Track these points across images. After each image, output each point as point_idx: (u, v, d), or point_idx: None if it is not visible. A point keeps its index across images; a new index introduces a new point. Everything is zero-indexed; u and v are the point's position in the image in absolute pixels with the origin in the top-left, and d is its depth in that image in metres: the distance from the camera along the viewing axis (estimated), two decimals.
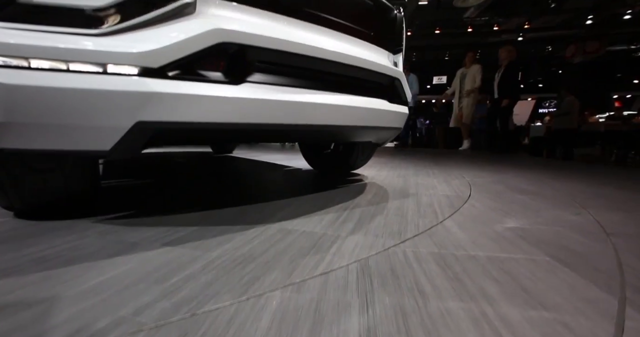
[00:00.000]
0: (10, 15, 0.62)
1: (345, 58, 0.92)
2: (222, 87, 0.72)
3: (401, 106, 1.24)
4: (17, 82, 0.61)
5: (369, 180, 1.76)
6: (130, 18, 0.65)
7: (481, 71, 4.43)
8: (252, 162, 2.73)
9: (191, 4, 0.68)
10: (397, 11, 1.21)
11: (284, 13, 0.82)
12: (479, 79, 4.41)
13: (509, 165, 2.77)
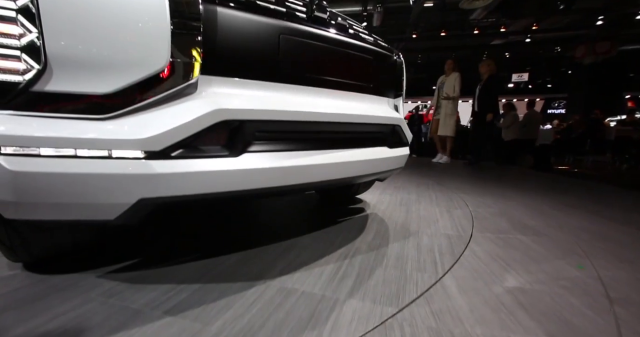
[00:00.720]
0: (22, 103, 0.64)
1: (346, 117, 0.93)
2: (222, 161, 0.73)
3: (402, 148, 1.25)
4: (25, 169, 0.63)
5: (370, 210, 1.76)
6: (134, 102, 0.66)
7: (460, 80, 4.22)
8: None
9: (192, 84, 0.70)
10: (396, 56, 1.21)
11: (284, 81, 0.83)
12: (457, 88, 4.15)
13: (513, 188, 2.71)
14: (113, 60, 0.65)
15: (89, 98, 0.66)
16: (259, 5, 0.78)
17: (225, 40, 0.74)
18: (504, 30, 11.44)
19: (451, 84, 4.23)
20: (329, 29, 0.92)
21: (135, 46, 0.66)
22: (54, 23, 0.62)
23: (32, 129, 0.63)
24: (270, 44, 0.80)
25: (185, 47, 0.68)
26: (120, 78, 0.66)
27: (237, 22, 0.75)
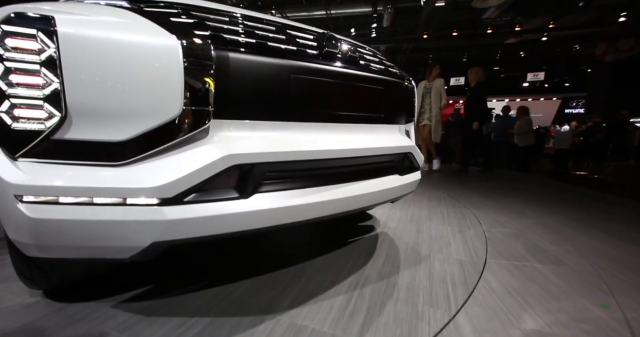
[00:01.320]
0: (43, 151, 0.66)
1: (356, 152, 0.92)
2: (233, 203, 0.74)
3: (413, 174, 1.22)
4: (45, 216, 0.65)
5: (380, 228, 1.74)
6: (148, 149, 0.68)
7: (443, 85, 4.05)
8: None
9: (204, 129, 0.70)
10: (407, 82, 1.19)
11: (294, 120, 0.83)
12: (444, 96, 4.02)
13: (529, 202, 2.61)
14: (128, 108, 0.67)
15: (105, 145, 0.67)
16: (270, 47, 0.78)
17: (237, 84, 0.74)
18: (518, 29, 11.10)
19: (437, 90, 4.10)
20: (339, 63, 0.91)
21: (149, 95, 0.67)
22: (74, 74, 0.64)
23: (51, 178, 0.64)
24: (281, 85, 0.80)
25: (197, 95, 0.68)
26: (135, 126, 0.67)
27: (249, 66, 0.75)
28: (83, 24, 0.65)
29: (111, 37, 0.65)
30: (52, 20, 0.64)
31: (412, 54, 14.78)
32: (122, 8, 0.73)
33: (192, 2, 0.83)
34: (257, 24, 0.84)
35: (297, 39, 0.87)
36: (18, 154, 0.66)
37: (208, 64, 0.68)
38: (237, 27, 0.79)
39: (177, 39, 0.67)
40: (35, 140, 0.66)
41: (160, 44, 0.66)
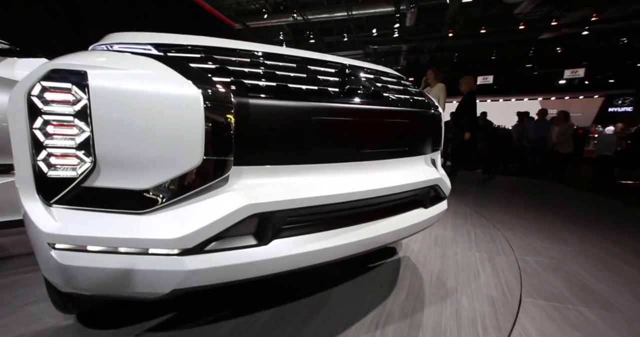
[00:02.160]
0: (73, 198, 0.69)
1: (379, 191, 0.87)
2: (252, 251, 0.72)
3: (439, 205, 1.15)
4: (73, 263, 0.67)
5: (403, 251, 1.67)
6: (170, 198, 0.68)
7: (445, 91, 3.77)
8: None
9: (224, 178, 0.70)
10: (434, 110, 1.12)
11: (315, 162, 0.80)
12: (442, 101, 3.73)
13: (568, 222, 2.38)
14: (151, 158, 0.67)
15: (130, 193, 0.69)
16: (291, 89, 0.76)
17: (258, 130, 0.73)
18: (555, 24, 10.31)
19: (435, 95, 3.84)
20: (362, 100, 0.87)
21: (171, 145, 0.67)
22: (102, 125, 0.66)
23: (80, 227, 0.66)
24: (302, 129, 0.77)
25: (218, 145, 0.68)
26: (158, 175, 0.68)
27: (270, 111, 0.73)
28: (111, 77, 0.67)
29: (136, 89, 0.67)
30: (85, 74, 0.66)
31: (436, 53, 14.26)
32: (147, 56, 0.74)
33: (214, 43, 0.83)
34: (277, 63, 0.82)
35: (318, 76, 0.85)
36: (52, 201, 0.69)
37: (229, 113, 0.68)
38: (258, 68, 0.78)
39: (198, 89, 0.67)
40: (67, 188, 0.68)
41: (182, 95, 0.66)
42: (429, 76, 3.88)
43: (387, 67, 1.25)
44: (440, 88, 3.75)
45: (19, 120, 0.67)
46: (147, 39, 0.83)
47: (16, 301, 1.16)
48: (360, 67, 1.01)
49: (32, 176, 0.68)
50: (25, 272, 1.38)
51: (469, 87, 3.96)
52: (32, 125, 0.67)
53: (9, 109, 0.68)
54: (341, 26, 11.97)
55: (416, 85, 1.27)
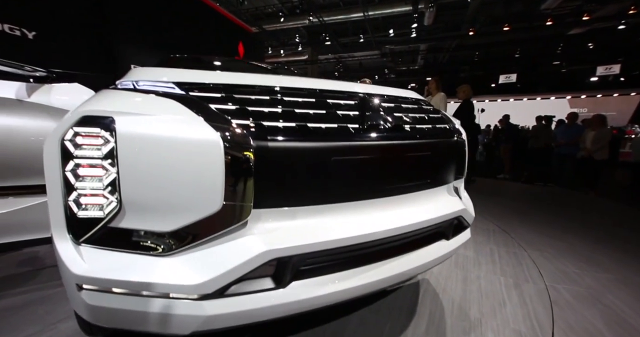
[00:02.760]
0: (100, 238, 0.71)
1: (400, 229, 0.84)
2: (270, 294, 0.72)
3: (461, 235, 1.10)
4: (99, 304, 0.70)
5: (422, 273, 1.61)
6: (190, 241, 0.69)
7: (445, 100, 3.79)
8: None
9: (244, 223, 0.70)
10: (457, 137, 1.06)
11: (334, 202, 0.79)
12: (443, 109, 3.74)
13: (606, 243, 2.22)
14: (173, 202, 0.68)
15: (152, 235, 0.70)
16: (310, 130, 0.75)
17: (277, 173, 0.72)
18: (587, 18, 9.67)
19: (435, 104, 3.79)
20: (382, 135, 0.84)
21: (192, 190, 0.67)
22: (128, 167, 0.68)
23: (106, 270, 0.68)
24: (321, 169, 0.76)
25: (237, 191, 0.67)
26: (180, 218, 0.69)
27: (289, 153, 0.72)
28: (136, 123, 0.69)
29: (159, 134, 0.68)
30: (113, 120, 0.68)
31: (455, 52, 13.81)
32: (170, 97, 0.75)
33: (233, 79, 0.83)
34: (295, 99, 0.81)
35: (337, 110, 0.83)
36: (81, 240, 0.72)
37: (248, 158, 0.67)
38: (276, 107, 0.77)
39: (218, 135, 0.67)
40: (95, 227, 0.71)
41: (203, 141, 0.67)
42: (431, 85, 3.95)
43: (406, 90, 1.21)
44: (441, 97, 3.80)
45: (53, 164, 0.70)
46: (169, 76, 0.84)
47: (48, 317, 1.22)
48: (379, 95, 0.98)
49: (63, 216, 0.71)
50: (58, 285, 1.46)
51: (466, 95, 4.06)
52: (65, 168, 0.70)
53: (45, 154, 0.72)
54: (357, 27, 11.87)
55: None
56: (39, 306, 1.29)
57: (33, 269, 1.62)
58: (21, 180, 1.29)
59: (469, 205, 1.16)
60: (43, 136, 1.29)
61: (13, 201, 1.28)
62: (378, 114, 0.87)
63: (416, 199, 0.94)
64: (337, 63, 15.56)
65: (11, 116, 1.25)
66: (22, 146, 1.26)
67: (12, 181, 1.27)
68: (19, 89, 1.29)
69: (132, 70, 0.99)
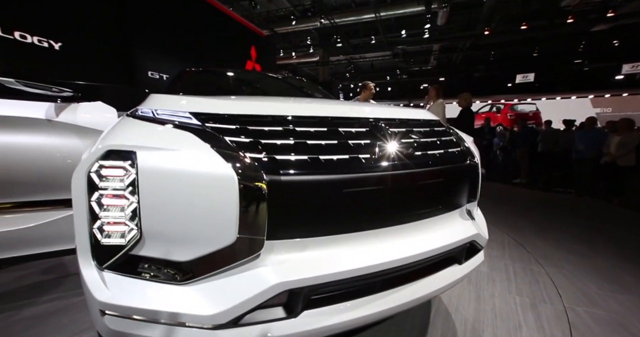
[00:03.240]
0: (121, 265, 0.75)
1: (412, 257, 0.83)
2: (282, 324, 0.73)
3: (474, 258, 1.08)
4: (120, 329, 0.73)
5: None
6: (206, 271, 0.71)
7: (444, 107, 3.83)
8: None
9: (257, 255, 0.72)
10: (470, 160, 1.04)
11: (346, 232, 0.79)
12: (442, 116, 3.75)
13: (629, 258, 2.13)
14: (190, 232, 0.71)
15: (170, 264, 0.73)
16: (321, 163, 0.76)
17: (289, 206, 0.73)
18: (612, 15, 9.22)
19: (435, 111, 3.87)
20: (394, 164, 0.84)
21: (208, 223, 0.70)
22: (148, 199, 0.71)
23: (127, 298, 0.72)
24: (333, 201, 0.76)
25: (251, 225, 0.69)
26: (196, 249, 0.71)
27: (301, 186, 0.73)
28: (156, 157, 0.72)
29: (177, 168, 0.71)
30: (135, 154, 0.72)
31: (470, 51, 13.49)
32: (188, 129, 0.78)
33: (247, 108, 0.85)
34: (307, 129, 0.82)
35: (349, 140, 0.83)
36: (104, 266, 0.75)
37: (262, 192, 0.69)
38: (288, 139, 0.78)
39: (233, 170, 0.69)
40: (117, 254, 0.74)
41: (218, 176, 0.69)
42: (431, 93, 4.02)
43: (418, 110, 1.20)
44: (439, 104, 3.86)
45: (80, 194, 0.74)
46: (186, 106, 0.87)
47: (72, 326, 1.29)
48: (390, 119, 0.98)
49: (88, 242, 0.75)
50: (80, 294, 1.53)
51: (467, 103, 4.17)
52: (90, 198, 0.74)
53: (73, 184, 0.76)
54: (368, 28, 11.80)
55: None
56: (63, 315, 1.37)
57: (57, 277, 1.71)
58: (50, 195, 1.36)
59: (483, 226, 1.14)
60: (69, 154, 1.36)
61: (42, 214, 1.36)
62: (389, 141, 0.87)
63: (428, 225, 0.93)
64: (348, 64, 15.52)
65: (41, 135, 1.33)
66: (51, 163, 1.33)
67: (41, 195, 1.35)
68: (48, 109, 1.36)
69: (151, 97, 1.03)
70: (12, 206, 1.31)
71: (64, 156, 1.37)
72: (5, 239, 1.27)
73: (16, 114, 1.28)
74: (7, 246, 1.28)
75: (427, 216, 0.94)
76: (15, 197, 1.31)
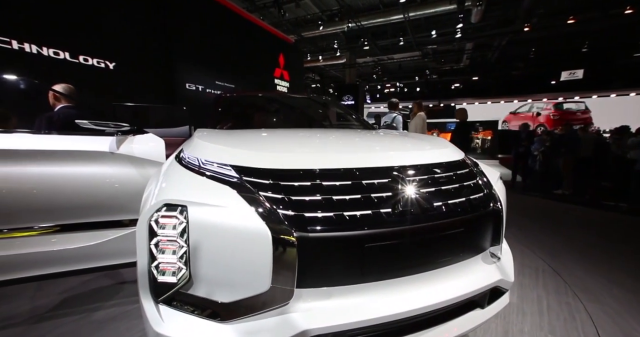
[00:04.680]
0: (171, 299, 0.88)
1: (433, 306, 0.87)
2: None
3: (498, 301, 1.07)
4: None
5: None
6: (243, 314, 0.82)
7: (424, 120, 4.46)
8: None
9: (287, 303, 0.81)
10: (493, 204, 1.05)
11: (368, 281, 0.86)
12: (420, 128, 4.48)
13: None
14: (230, 279, 0.82)
15: (214, 304, 0.85)
16: (346, 220, 0.83)
17: (316, 259, 0.81)
18: None
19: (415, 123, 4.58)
20: (415, 217, 0.89)
21: (245, 272, 0.80)
22: (196, 245, 0.83)
23: (177, 331, 0.83)
24: (356, 254, 0.83)
25: (283, 276, 0.78)
26: (235, 293, 0.82)
27: (327, 243, 0.81)
28: (203, 211, 0.84)
29: (220, 222, 0.82)
30: (186, 208, 0.85)
31: (507, 48, 12.62)
32: (228, 184, 0.90)
33: (278, 161, 0.95)
34: (332, 183, 0.89)
35: (371, 194, 0.89)
36: (159, 299, 0.89)
37: (292, 247, 0.77)
38: (315, 195, 0.86)
39: (267, 228, 0.78)
40: (170, 291, 0.88)
41: (255, 232, 0.79)
42: (413, 107, 4.76)
43: (443, 148, 1.22)
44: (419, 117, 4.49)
45: (143, 238, 0.89)
46: (227, 158, 0.99)
47: (128, 334, 1.49)
48: (413, 167, 1.02)
49: (147, 278, 0.90)
50: (134, 302, 1.75)
51: (462, 117, 4.67)
52: (150, 242, 0.88)
53: (137, 229, 0.91)
54: (396, 29, 11.55)
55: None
56: (120, 321, 1.58)
57: (114, 284, 1.96)
58: (112, 216, 1.59)
59: (508, 267, 1.13)
60: (128, 181, 1.58)
61: (106, 232, 1.59)
62: (411, 193, 0.91)
63: (449, 273, 0.96)
64: (375, 65, 15.32)
65: (105, 166, 1.56)
66: (113, 189, 1.55)
67: (105, 217, 1.58)
68: (111, 142, 1.58)
69: (195, 140, 1.18)
70: (80, 226, 1.56)
71: (122, 183, 1.58)
72: (74, 254, 1.51)
73: (88, 148, 1.52)
74: (75, 260, 1.52)
75: (448, 264, 0.97)
76: (84, 219, 1.55)
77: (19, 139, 1.43)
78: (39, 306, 1.72)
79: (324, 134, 1.57)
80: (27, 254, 1.44)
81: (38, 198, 1.43)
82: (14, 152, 1.40)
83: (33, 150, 1.43)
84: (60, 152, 1.47)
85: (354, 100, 14.61)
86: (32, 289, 1.87)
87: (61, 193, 1.47)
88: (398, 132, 1.79)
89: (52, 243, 1.48)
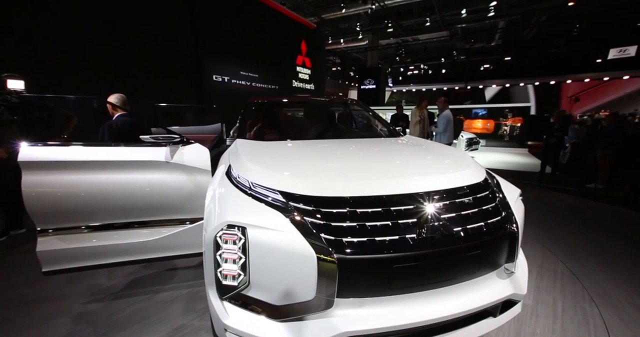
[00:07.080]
0: (233, 298, 1.11)
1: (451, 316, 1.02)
2: None
3: (511, 311, 1.21)
4: None
5: None
6: (291, 315, 1.02)
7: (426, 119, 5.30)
8: None
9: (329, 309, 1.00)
10: (509, 225, 1.16)
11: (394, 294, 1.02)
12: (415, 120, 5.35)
13: None
14: (282, 287, 1.02)
15: (269, 305, 1.06)
16: (377, 244, 0.98)
17: (352, 276, 0.98)
18: None
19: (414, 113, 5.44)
20: (438, 241, 1.03)
21: (295, 283, 1.00)
22: (254, 258, 1.03)
23: (240, 323, 1.05)
24: (385, 272, 1.00)
25: (325, 289, 0.97)
26: (286, 299, 1.02)
27: (361, 263, 0.98)
28: (259, 232, 1.03)
29: (273, 242, 1.01)
30: (245, 229, 1.04)
31: (547, 24, 11.49)
32: (277, 208, 1.08)
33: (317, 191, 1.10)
34: (365, 210, 1.05)
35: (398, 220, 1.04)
36: (223, 297, 1.12)
37: (333, 266, 0.95)
38: (351, 221, 1.02)
39: (313, 251, 0.96)
40: (232, 292, 1.10)
41: (303, 254, 0.97)
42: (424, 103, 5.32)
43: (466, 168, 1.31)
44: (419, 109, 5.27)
45: (210, 249, 1.10)
46: (274, 183, 1.17)
47: (188, 314, 1.79)
48: (437, 192, 1.14)
49: (214, 281, 1.12)
50: (189, 286, 2.05)
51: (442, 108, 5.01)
52: (216, 253, 1.10)
53: (205, 243, 1.13)
54: (422, 7, 10.85)
55: None
56: (179, 303, 1.89)
57: (170, 269, 2.30)
58: (170, 215, 1.87)
59: (522, 280, 1.24)
60: (181, 187, 1.83)
61: (167, 229, 1.88)
62: (434, 219, 1.05)
63: (466, 287, 1.10)
64: (398, 47, 14.62)
65: (162, 173, 1.81)
66: (171, 193, 1.82)
67: (165, 215, 1.86)
68: (166, 153, 1.82)
69: (242, 159, 1.38)
70: (146, 223, 1.85)
71: (175, 188, 1.83)
72: (143, 246, 1.81)
73: (149, 158, 1.77)
74: (142, 251, 1.83)
75: (465, 280, 1.11)
76: (148, 218, 1.84)
77: (100, 152, 1.71)
78: (114, 285, 2.09)
79: (355, 152, 1.71)
80: (105, 246, 1.77)
81: (116, 200, 1.73)
82: (100, 163, 1.68)
83: (109, 161, 1.71)
84: (131, 162, 1.74)
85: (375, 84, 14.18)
86: (106, 271, 2.25)
87: (130, 196, 1.75)
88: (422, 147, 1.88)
89: (123, 237, 1.79)
